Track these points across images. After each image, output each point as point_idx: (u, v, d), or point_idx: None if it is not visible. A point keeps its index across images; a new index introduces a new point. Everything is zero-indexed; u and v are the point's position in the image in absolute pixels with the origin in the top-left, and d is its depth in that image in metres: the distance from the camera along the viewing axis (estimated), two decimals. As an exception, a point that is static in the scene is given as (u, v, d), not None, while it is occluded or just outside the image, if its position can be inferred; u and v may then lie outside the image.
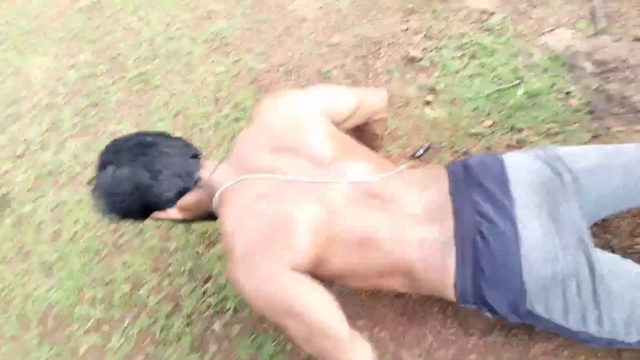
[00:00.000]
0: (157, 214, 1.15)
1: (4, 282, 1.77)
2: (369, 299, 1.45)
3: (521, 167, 1.13)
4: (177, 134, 1.94)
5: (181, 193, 1.13)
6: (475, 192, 1.10)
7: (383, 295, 1.44)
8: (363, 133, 1.41)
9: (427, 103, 1.82)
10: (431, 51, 1.95)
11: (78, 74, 2.32)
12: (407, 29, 2.06)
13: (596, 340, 1.04)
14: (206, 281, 1.56)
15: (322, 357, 1.02)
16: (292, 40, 2.15)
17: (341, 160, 1.13)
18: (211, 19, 2.33)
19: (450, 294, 1.09)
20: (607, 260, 1.05)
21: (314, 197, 1.06)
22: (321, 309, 1.00)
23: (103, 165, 1.12)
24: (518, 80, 1.78)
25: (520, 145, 1.63)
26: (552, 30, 1.91)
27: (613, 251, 1.37)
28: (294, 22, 2.21)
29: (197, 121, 1.99)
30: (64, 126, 2.12)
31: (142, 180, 1.08)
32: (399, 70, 1.93)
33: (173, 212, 1.15)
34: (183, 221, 1.22)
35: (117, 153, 1.12)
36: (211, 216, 1.18)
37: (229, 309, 1.49)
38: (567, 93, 1.71)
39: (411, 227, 1.08)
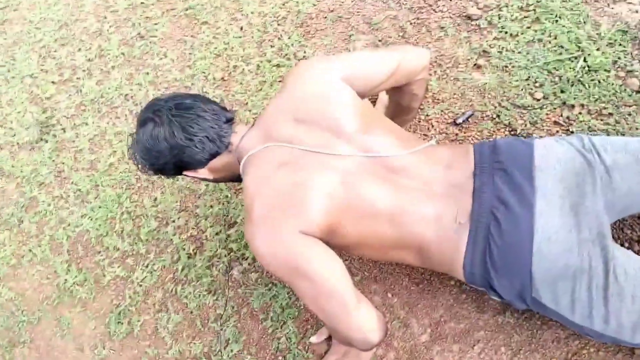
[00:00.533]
0: (189, 173, 1.23)
1: (41, 205, 1.87)
2: (387, 265, 1.44)
3: (550, 155, 1.11)
4: (218, 75, 1.95)
5: (213, 156, 1.18)
6: (499, 177, 1.10)
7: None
8: (402, 93, 1.38)
9: (477, 67, 1.72)
10: (491, 10, 1.82)
11: (128, 2, 2.31)
12: (469, -18, 1.92)
13: (600, 336, 1.05)
14: (231, 226, 1.59)
15: (328, 317, 1.07)
16: (345, -16, 2.05)
17: (365, 134, 1.15)
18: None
19: (459, 274, 1.12)
20: (625, 260, 1.03)
21: (332, 169, 1.10)
22: (330, 272, 1.05)
23: (144, 122, 1.18)
24: (579, 52, 1.65)
25: (568, 123, 1.53)
26: (628, -2, 1.74)
27: (631, 248, 1.30)
28: (349, -35, 2.10)
29: (238, 63, 1.96)
30: (110, 55, 2.14)
31: (178, 141, 1.14)
32: (454, 27, 1.82)
33: (204, 172, 1.22)
34: (212, 180, 1.29)
35: (158, 112, 1.17)
36: (238, 178, 1.24)
37: (248, 257, 1.53)
38: (629, 72, 1.57)
39: (428, 204, 1.10)
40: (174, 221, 1.64)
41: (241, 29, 2.04)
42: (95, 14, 2.30)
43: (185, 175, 1.25)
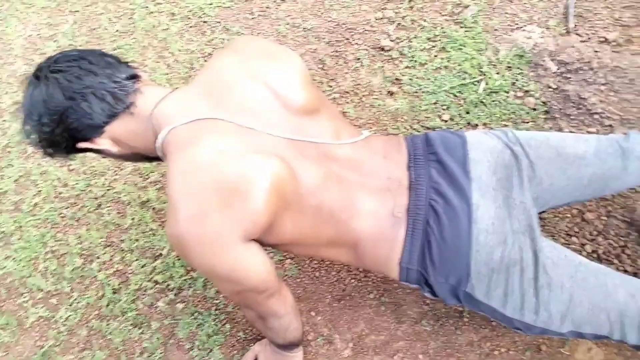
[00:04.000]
0: (85, 144, 1.02)
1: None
2: (310, 283, 1.49)
3: (482, 147, 1.11)
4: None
5: (108, 118, 0.99)
6: (434, 168, 1.07)
7: (323, 280, 1.48)
8: None
9: (391, 93, 1.83)
10: (402, 41, 1.95)
11: (57, 44, 2.33)
12: (383, 17, 2.05)
13: (530, 328, 1.05)
14: (156, 258, 1.60)
15: (250, 305, 1.07)
16: (268, 21, 2.15)
17: (312, 117, 1.06)
18: (192, -5, 2.33)
19: (394, 270, 1.07)
20: (552, 251, 1.05)
21: (277, 156, 0.96)
22: (261, 275, 0.99)
23: (27, 85, 1.00)
24: (481, 76, 1.79)
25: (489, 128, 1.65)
26: (523, 27, 1.91)
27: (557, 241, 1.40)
28: (272, 4, 2.21)
29: (165, 99, 2.01)
30: (36, 97, 2.14)
31: (56, 101, 0.96)
32: (369, 58, 1.94)
33: (104, 143, 1.02)
34: (120, 157, 1.10)
35: (38, 71, 0.99)
36: (156, 157, 1.06)
37: (174, 288, 1.54)
38: (526, 91, 1.72)
39: (365, 197, 1.05)
40: (99, 257, 1.63)
41: (168, 66, 2.09)
42: (23, 57, 2.30)
43: (82, 148, 1.03)
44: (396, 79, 1.86)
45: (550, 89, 1.71)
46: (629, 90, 1.64)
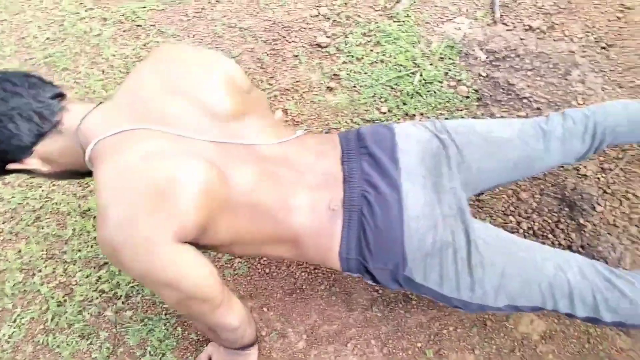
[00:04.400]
0: (14, 165, 1.01)
1: None
2: (260, 280, 1.49)
3: (410, 137, 1.16)
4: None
5: (37, 138, 0.99)
6: (366, 161, 1.12)
7: (274, 275, 1.49)
8: None
9: (330, 89, 1.86)
10: (339, 37, 1.99)
11: (-18, 55, 2.22)
12: (318, 14, 2.08)
13: (468, 305, 1.10)
14: (100, 268, 1.56)
15: (197, 317, 1.05)
16: (203, 22, 2.13)
17: (239, 120, 1.08)
18: (121, 0, 2.28)
19: (335, 262, 1.11)
20: (483, 231, 1.10)
21: (204, 157, 0.98)
22: (200, 280, 0.98)
23: None
24: (416, 68, 1.85)
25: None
26: (452, 19, 1.98)
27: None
28: (207, 5, 2.19)
29: (102, 105, 1.96)
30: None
31: None
32: (306, 55, 1.96)
33: (34, 163, 1.01)
34: (51, 176, 1.09)
35: None
36: (87, 172, 1.05)
37: (121, 296, 1.50)
38: (459, 80, 1.79)
39: (301, 194, 1.08)
40: (40, 270, 1.57)
41: (103, 72, 2.04)
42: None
43: (11, 169, 1.02)
44: (334, 75, 1.89)
45: (481, 77, 1.79)
46: (554, 74, 1.74)
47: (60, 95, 1.03)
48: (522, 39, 1.86)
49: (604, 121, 1.22)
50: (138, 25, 2.15)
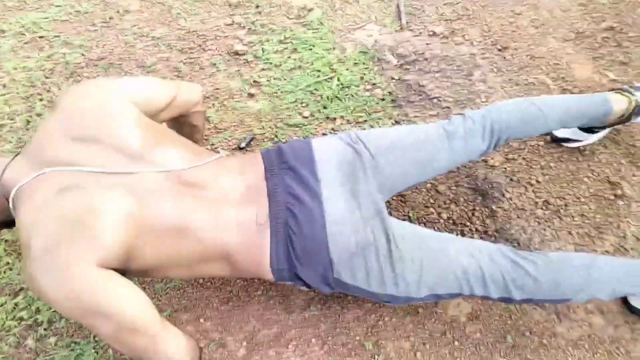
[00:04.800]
0: None
1: None
2: (194, 291, 1.46)
3: (327, 149, 1.23)
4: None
5: None
6: (287, 175, 1.18)
7: (208, 285, 1.47)
8: (181, 125, 1.42)
9: (251, 95, 1.87)
10: (255, 45, 2.00)
11: None
12: (232, 22, 2.09)
13: (395, 299, 1.18)
14: (16, 294, 1.45)
15: (134, 353, 1.01)
16: (113, 32, 2.06)
17: (152, 149, 1.10)
18: (23, 10, 2.14)
19: (268, 273, 1.15)
20: (400, 229, 1.19)
21: (121, 187, 1.02)
22: (130, 306, 0.98)
23: None
24: (333, 73, 1.91)
25: (334, 133, 1.75)
26: (363, 26, 2.07)
27: (411, 221, 1.55)
28: (115, 14, 2.12)
29: (4, 121, 1.82)
30: None
31: None
32: (224, 63, 1.96)
33: None
34: None
35: None
36: (13, 221, 1.07)
37: (42, 322, 1.40)
38: (374, 84, 1.88)
39: (228, 211, 1.11)
40: (-55, 304, 1.43)
41: (4, 86, 1.90)
42: None
43: None
44: (254, 81, 1.90)
45: (393, 80, 1.89)
46: (458, 75, 1.88)
47: None
48: (427, 44, 1.99)
49: (499, 119, 1.35)
50: (41, 37, 2.03)
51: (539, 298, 1.21)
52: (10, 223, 1.11)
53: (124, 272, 1.01)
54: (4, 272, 1.49)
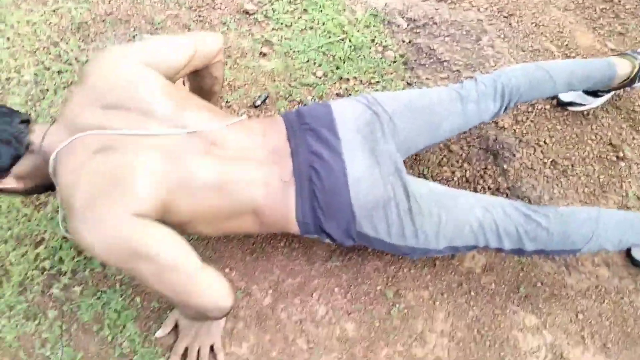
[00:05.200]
0: None
1: None
2: (218, 244, 1.48)
3: (346, 112, 1.29)
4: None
5: (14, 160, 1.08)
6: (309, 135, 1.24)
7: (232, 238, 1.49)
8: (202, 77, 1.42)
9: (263, 55, 1.87)
10: (265, 5, 2.00)
11: None
12: (240, -19, 2.06)
13: (414, 251, 1.25)
14: (38, 244, 1.44)
15: (177, 292, 1.05)
16: (118, -12, 2.01)
17: (179, 112, 1.15)
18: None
19: (294, 227, 1.22)
20: (419, 185, 1.26)
21: (153, 147, 1.08)
22: (169, 247, 1.03)
23: None
24: (344, 35, 1.93)
25: (347, 93, 1.78)
26: (372, -11, 2.08)
27: (426, 179, 1.60)
28: (118, -30, 2.07)
29: (11, 75, 1.78)
30: None
31: None
32: (235, 22, 1.95)
33: (10, 182, 1.10)
34: (24, 192, 1.17)
35: None
36: (52, 184, 1.13)
37: (66, 272, 1.41)
38: (385, 46, 1.90)
39: (255, 170, 1.18)
40: (-36, 254, 1.41)
41: (8, 39, 1.85)
42: None
43: None
44: (266, 41, 1.90)
45: (404, 43, 1.92)
46: (467, 40, 1.92)
47: (27, 121, 1.12)
48: (436, 9, 2.02)
49: (509, 82, 1.41)
50: (44, -11, 1.97)
51: (550, 249, 1.28)
52: (49, 186, 1.15)
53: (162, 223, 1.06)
54: (23, 223, 1.48)
